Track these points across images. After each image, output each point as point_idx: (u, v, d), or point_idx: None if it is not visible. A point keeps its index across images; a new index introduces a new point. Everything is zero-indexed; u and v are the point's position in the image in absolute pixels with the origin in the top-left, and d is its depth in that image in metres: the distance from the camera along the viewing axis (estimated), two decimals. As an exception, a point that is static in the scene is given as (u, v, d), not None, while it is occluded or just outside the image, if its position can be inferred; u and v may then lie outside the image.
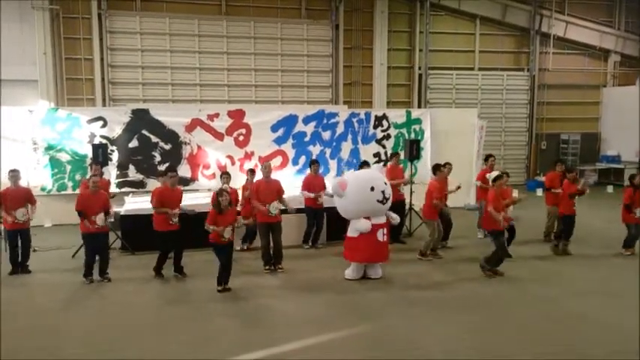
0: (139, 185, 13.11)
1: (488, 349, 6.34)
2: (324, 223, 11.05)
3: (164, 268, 9.09)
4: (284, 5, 18.29)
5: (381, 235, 8.75)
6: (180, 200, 9.21)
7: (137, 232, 10.30)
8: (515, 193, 10.56)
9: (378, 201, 8.67)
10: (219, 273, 8.28)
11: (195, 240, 9.02)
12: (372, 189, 8.68)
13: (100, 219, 8.60)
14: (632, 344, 6.39)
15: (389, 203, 8.90)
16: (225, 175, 10.26)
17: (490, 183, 9.19)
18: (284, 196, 9.59)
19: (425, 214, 10.32)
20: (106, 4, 16.87)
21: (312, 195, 10.71)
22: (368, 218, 8.66)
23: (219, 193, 8.18)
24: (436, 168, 10.31)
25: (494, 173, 9.29)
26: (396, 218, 9.11)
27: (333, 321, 7.19)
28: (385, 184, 8.90)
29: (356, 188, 8.79)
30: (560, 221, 10.56)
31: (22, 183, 9.60)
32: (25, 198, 9.22)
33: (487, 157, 11.67)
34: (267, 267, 9.37)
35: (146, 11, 17.24)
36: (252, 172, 10.82)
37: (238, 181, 11.40)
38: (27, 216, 9.15)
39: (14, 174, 9.18)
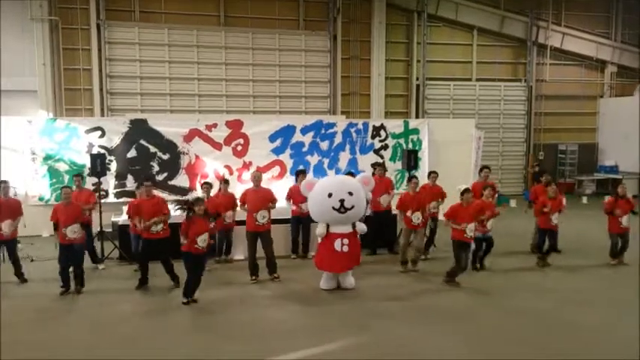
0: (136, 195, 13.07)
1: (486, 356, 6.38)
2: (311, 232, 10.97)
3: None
4: (282, 16, 18.41)
5: (339, 245, 8.47)
6: (161, 210, 8.79)
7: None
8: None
9: (333, 209, 8.41)
10: (186, 284, 8.11)
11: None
12: (330, 195, 8.46)
13: (70, 231, 8.50)
14: (629, 351, 6.39)
15: (351, 214, 8.50)
16: (206, 185, 10.26)
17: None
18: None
19: None
20: (105, 15, 16.97)
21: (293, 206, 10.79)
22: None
23: (194, 202, 7.95)
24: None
25: (463, 186, 9.14)
26: (362, 229, 8.76)
27: (315, 331, 7.14)
28: (350, 194, 8.45)
29: (316, 191, 8.71)
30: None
31: (21, 192, 9.60)
32: (14, 210, 9.20)
33: (482, 169, 11.55)
34: (253, 277, 9.30)
35: (145, 22, 17.34)
36: (225, 181, 10.75)
37: (237, 191, 11.32)
38: (12, 227, 9.10)
39: (5, 185, 9.17)
